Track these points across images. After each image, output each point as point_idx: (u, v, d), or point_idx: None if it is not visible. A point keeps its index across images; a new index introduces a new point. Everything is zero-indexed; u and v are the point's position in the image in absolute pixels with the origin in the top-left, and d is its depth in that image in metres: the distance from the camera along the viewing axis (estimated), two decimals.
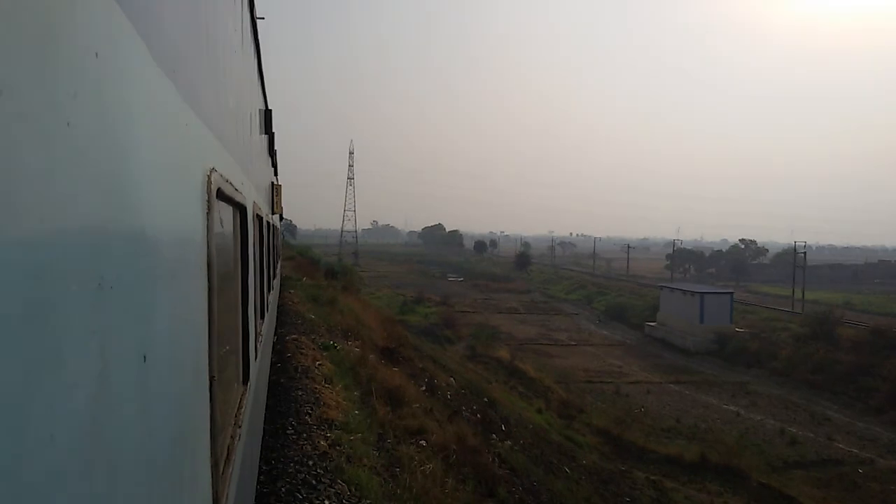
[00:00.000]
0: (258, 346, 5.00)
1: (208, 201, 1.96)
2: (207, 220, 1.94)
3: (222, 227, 2.54)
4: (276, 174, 14.06)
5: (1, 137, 0.59)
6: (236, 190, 3.00)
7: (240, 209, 3.43)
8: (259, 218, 5.60)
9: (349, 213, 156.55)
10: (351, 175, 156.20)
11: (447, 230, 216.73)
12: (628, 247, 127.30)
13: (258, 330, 5.17)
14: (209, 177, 2.00)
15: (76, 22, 0.78)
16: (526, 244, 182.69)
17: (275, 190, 11.37)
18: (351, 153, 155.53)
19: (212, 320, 1.98)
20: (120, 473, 0.98)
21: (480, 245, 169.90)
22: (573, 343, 53.99)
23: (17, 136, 0.62)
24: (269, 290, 8.37)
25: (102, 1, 0.89)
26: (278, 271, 16.70)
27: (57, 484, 0.72)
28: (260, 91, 6.90)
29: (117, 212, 0.99)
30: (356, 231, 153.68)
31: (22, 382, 0.63)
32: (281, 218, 19.86)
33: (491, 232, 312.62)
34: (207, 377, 1.95)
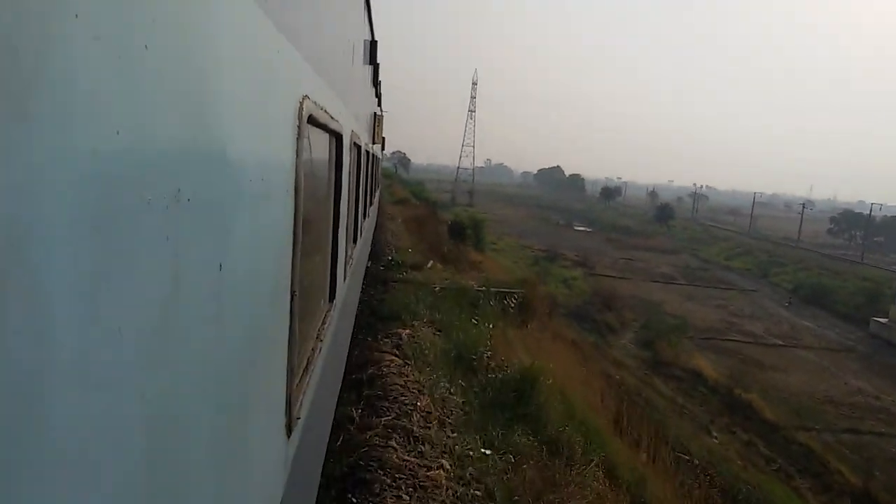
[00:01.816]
0: (347, 268, 5.18)
1: (299, 126, 2.02)
2: (297, 144, 2.01)
3: (314, 152, 2.63)
4: (379, 104, 14.24)
5: (79, 59, 0.62)
6: (332, 118, 3.07)
7: (336, 136, 3.52)
8: (357, 146, 5.73)
9: (467, 149, 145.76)
10: (473, 107, 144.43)
11: (566, 174, 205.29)
12: (803, 206, 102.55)
13: (349, 253, 5.36)
14: (301, 103, 2.06)
15: None
16: (653, 193, 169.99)
17: (376, 120, 11.53)
18: (474, 83, 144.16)
19: (296, 240, 2.07)
20: (188, 369, 1.05)
21: (608, 191, 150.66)
22: (778, 341, 38.66)
23: (94, 57, 0.65)
24: (364, 217, 8.64)
25: None
26: (376, 199, 17.24)
27: (123, 376, 0.79)
28: (366, 21, 6.93)
29: (197, 130, 1.04)
30: (473, 168, 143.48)
31: (94, 285, 0.69)
32: (383, 147, 19.40)
33: (607, 178, 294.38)
34: (289, 292, 2.06)
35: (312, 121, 2.34)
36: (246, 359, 1.50)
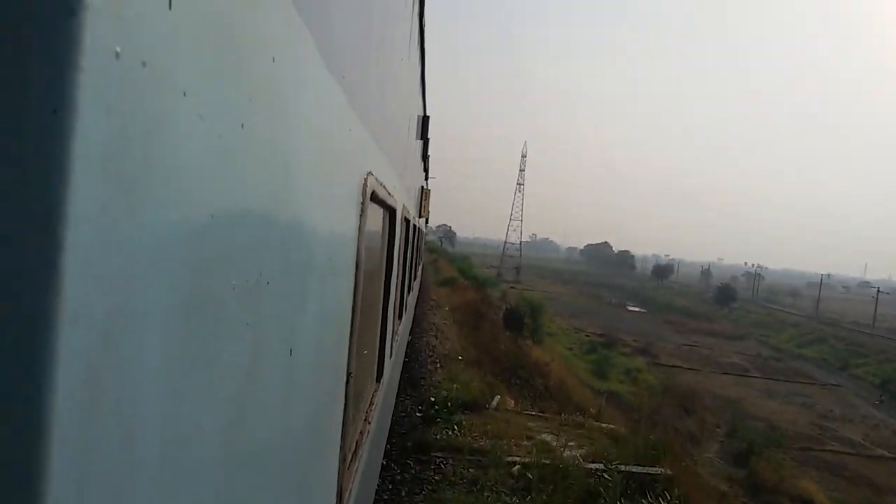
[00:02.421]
0: (393, 344, 5.14)
1: (362, 203, 2.01)
2: (360, 221, 1.99)
3: (372, 228, 2.61)
4: (426, 178, 14.46)
5: (182, 136, 0.61)
6: (389, 193, 3.09)
7: (389, 211, 3.53)
8: (406, 221, 5.77)
9: (514, 223, 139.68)
10: (521, 180, 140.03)
11: (615, 250, 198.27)
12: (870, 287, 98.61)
13: (395, 329, 5.30)
14: (366, 180, 2.06)
15: (256, 25, 0.80)
16: (707, 272, 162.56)
17: (423, 194, 11.67)
18: (523, 156, 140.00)
19: (354, 318, 2.03)
20: (257, 463, 1.01)
21: (660, 269, 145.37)
22: (883, 452, 32.80)
23: (196, 135, 0.64)
24: (408, 292, 8.62)
25: (282, 6, 0.92)
26: (419, 273, 17.23)
27: (202, 469, 0.75)
28: (420, 97, 7.11)
29: (280, 210, 1.02)
30: (520, 243, 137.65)
31: (178, 369, 0.66)
32: (427, 222, 18.75)
33: (654, 254, 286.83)
34: (346, 373, 1.99)
35: (374, 197, 2.33)
36: (305, 448, 1.44)
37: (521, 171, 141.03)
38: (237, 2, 0.72)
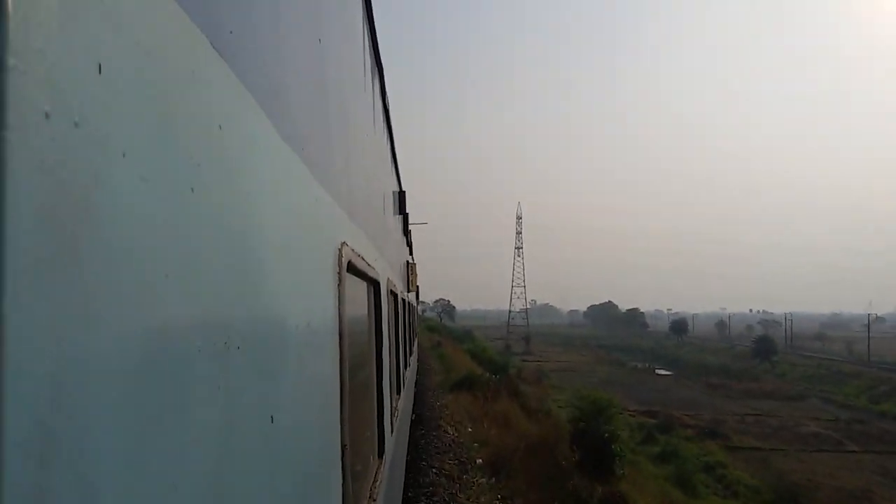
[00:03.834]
0: (394, 420, 5.02)
1: (339, 273, 2.04)
2: (338, 290, 2.01)
3: (354, 300, 2.64)
4: (411, 253, 14.52)
5: (124, 197, 0.62)
6: (369, 265, 3.12)
7: (373, 284, 3.55)
8: (393, 294, 5.78)
9: (518, 289, 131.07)
10: (519, 243, 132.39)
11: (620, 308, 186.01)
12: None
13: (394, 404, 5.21)
14: (340, 250, 2.09)
15: (198, 93, 0.84)
16: (721, 323, 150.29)
17: (409, 269, 11.78)
18: (519, 218, 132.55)
19: (343, 388, 2.02)
20: None
21: (678, 325, 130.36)
22: None
23: (140, 196, 0.65)
24: (405, 367, 8.53)
25: (225, 77, 0.96)
26: (415, 348, 16.88)
27: None
28: (394, 173, 7.26)
29: (243, 274, 1.03)
30: (526, 310, 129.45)
31: (148, 430, 0.65)
32: (417, 296, 18.78)
33: (657, 310, 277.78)
34: (339, 445, 1.96)
35: (351, 268, 2.36)
36: None
37: (519, 233, 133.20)
38: (173, 69, 0.75)
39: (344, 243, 2.20)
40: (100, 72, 0.56)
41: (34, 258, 0.46)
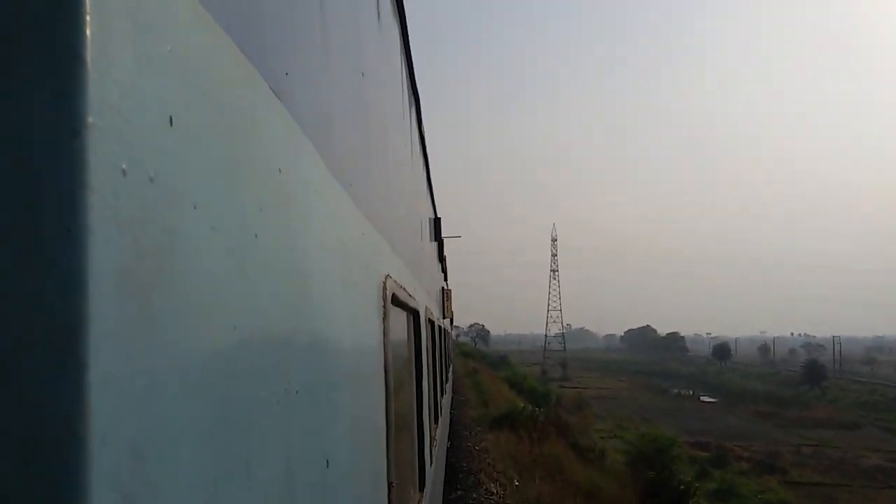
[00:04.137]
0: (433, 450, 4.98)
1: (384, 307, 2.03)
2: (383, 325, 2.00)
3: (397, 332, 2.62)
4: (445, 279, 14.49)
5: (195, 249, 0.61)
6: (409, 295, 3.11)
7: (413, 314, 3.55)
8: (431, 322, 5.77)
9: (554, 313, 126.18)
10: (555, 266, 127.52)
11: (657, 332, 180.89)
12: None
13: (432, 434, 5.19)
14: (384, 283, 2.08)
15: (260, 140, 0.84)
16: (764, 347, 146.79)
17: (445, 295, 11.79)
18: (554, 240, 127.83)
19: (389, 425, 1.99)
20: None
21: (721, 350, 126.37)
22: None
23: (210, 247, 0.65)
24: (441, 394, 8.50)
25: (284, 121, 0.96)
26: (450, 375, 16.84)
27: None
28: (429, 200, 7.33)
29: (302, 318, 1.03)
30: (563, 334, 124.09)
31: (213, 485, 0.65)
32: (452, 321, 18.39)
33: (696, 334, 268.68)
34: (386, 483, 1.93)
35: (395, 300, 2.34)
36: None
37: (554, 255, 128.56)
38: (237, 115, 0.75)
39: (388, 276, 2.18)
40: (171, 125, 0.57)
41: (116, 321, 0.46)
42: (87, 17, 0.44)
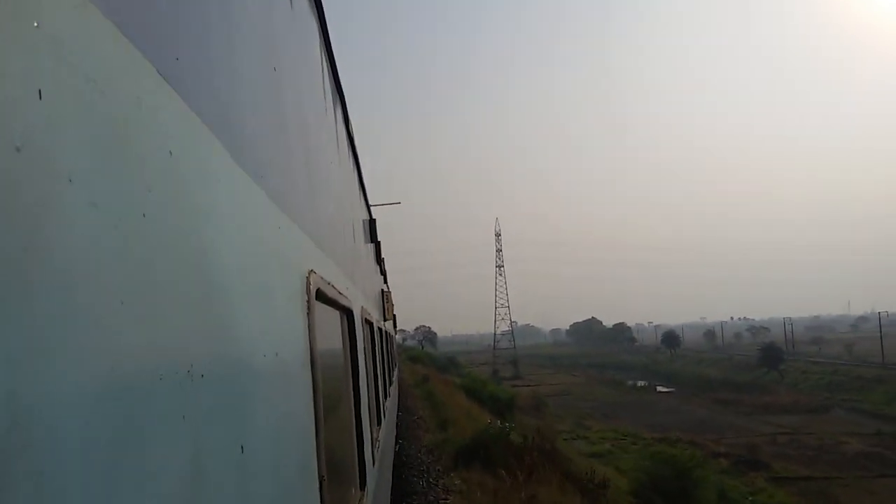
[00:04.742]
0: (375, 452, 4.97)
1: (308, 301, 2.03)
2: (308, 319, 2.00)
3: (327, 329, 2.62)
4: (385, 281, 14.42)
5: (73, 222, 0.62)
6: (340, 293, 3.10)
7: (346, 313, 3.53)
8: (369, 323, 5.77)
9: (501, 310, 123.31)
10: (500, 261, 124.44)
11: (604, 324, 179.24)
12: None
13: (374, 435, 5.17)
14: (308, 278, 2.08)
15: (145, 119, 0.84)
16: (710, 333, 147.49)
17: (385, 297, 11.66)
18: (497, 235, 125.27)
19: (318, 419, 1.99)
20: None
21: (670, 338, 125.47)
22: None
23: (90, 222, 0.65)
24: (385, 397, 8.48)
25: (174, 105, 0.96)
26: (395, 378, 16.35)
27: None
28: (362, 201, 7.28)
29: (203, 301, 1.02)
30: (512, 331, 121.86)
31: (112, 463, 0.65)
32: (395, 325, 16.92)
33: (638, 324, 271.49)
34: (317, 476, 1.93)
35: (321, 295, 2.35)
36: None
37: (499, 250, 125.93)
38: (117, 95, 0.76)
39: (312, 271, 2.18)
40: (40, 98, 0.57)
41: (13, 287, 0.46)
42: None
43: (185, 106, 1.00)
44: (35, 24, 0.58)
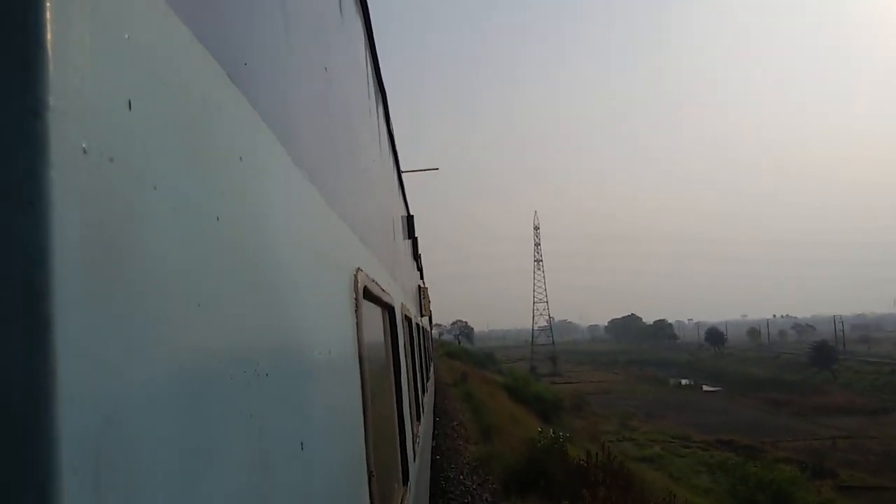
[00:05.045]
0: (416, 447, 5.01)
1: (356, 299, 2.05)
2: (356, 316, 2.02)
3: (371, 326, 2.64)
4: (422, 277, 14.45)
5: (156, 228, 0.64)
6: (383, 290, 3.13)
7: (388, 310, 3.57)
8: (408, 319, 5.83)
9: (540, 305, 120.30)
10: (538, 255, 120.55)
11: (644, 321, 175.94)
12: None
13: (415, 431, 5.21)
14: (355, 276, 2.11)
15: (221, 127, 0.87)
16: (754, 331, 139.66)
17: (421, 293, 11.69)
18: (536, 228, 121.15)
19: (367, 415, 2.02)
20: None
21: (714, 335, 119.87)
22: None
23: (171, 227, 0.67)
24: (423, 392, 8.57)
25: (243, 111, 0.99)
26: (431, 373, 16.54)
27: None
28: (401, 198, 7.35)
29: (267, 301, 1.05)
30: (550, 327, 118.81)
31: (191, 459, 0.67)
32: (431, 320, 16.87)
33: (678, 320, 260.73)
34: (366, 473, 1.96)
35: (367, 294, 2.37)
36: None
37: (537, 244, 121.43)
38: (196, 103, 0.78)
39: (359, 269, 2.21)
40: (130, 108, 0.59)
41: (79, 293, 0.48)
42: (48, 4, 0.47)
43: (252, 110, 1.03)
44: (126, 37, 0.60)
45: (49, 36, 0.46)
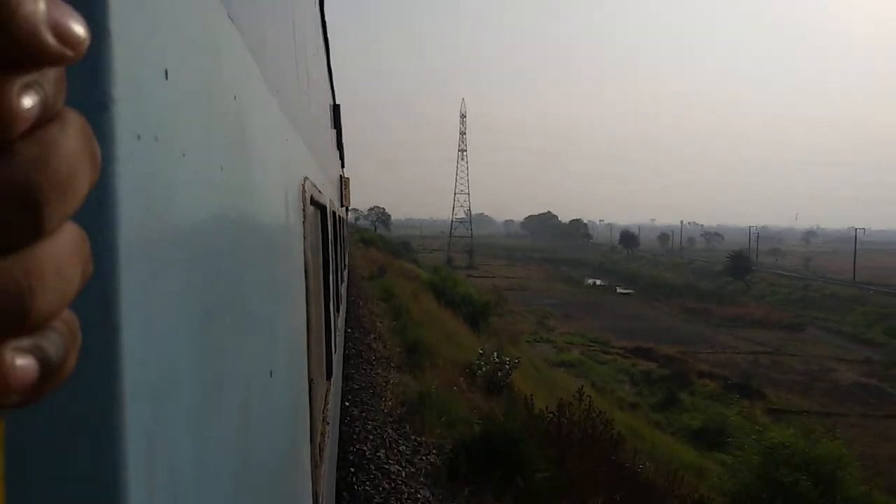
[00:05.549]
0: (336, 340, 5.07)
1: (304, 210, 2.01)
2: (304, 228, 1.98)
3: (312, 232, 2.59)
4: (343, 166, 14.26)
5: (185, 196, 0.63)
6: (320, 192, 3.06)
7: (321, 210, 3.48)
8: (334, 214, 5.71)
9: (461, 196, 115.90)
10: (463, 145, 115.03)
11: (560, 219, 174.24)
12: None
13: (336, 324, 5.28)
14: (303, 185, 2.05)
15: (221, 69, 0.83)
16: (664, 236, 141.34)
17: (343, 183, 11.56)
18: (462, 116, 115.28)
19: (310, 323, 2.04)
20: (261, 474, 1.07)
21: (628, 237, 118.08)
22: None
23: (192, 191, 0.66)
24: (342, 282, 8.61)
25: (239, 47, 0.95)
26: (346, 262, 16.26)
27: (220, 475, 0.78)
28: (329, 86, 7.02)
29: (256, 244, 1.05)
30: (470, 219, 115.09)
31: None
32: (347, 210, 16.34)
33: (589, 220, 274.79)
34: (307, 381, 1.98)
35: (312, 201, 2.34)
36: (286, 464, 1.44)
37: (462, 133, 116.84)
38: (203, 51, 0.74)
39: (306, 178, 2.16)
40: (166, 77, 0.57)
41: (142, 276, 0.49)
42: None
43: (243, 46, 0.99)
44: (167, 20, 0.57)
45: (112, 22, 0.44)
